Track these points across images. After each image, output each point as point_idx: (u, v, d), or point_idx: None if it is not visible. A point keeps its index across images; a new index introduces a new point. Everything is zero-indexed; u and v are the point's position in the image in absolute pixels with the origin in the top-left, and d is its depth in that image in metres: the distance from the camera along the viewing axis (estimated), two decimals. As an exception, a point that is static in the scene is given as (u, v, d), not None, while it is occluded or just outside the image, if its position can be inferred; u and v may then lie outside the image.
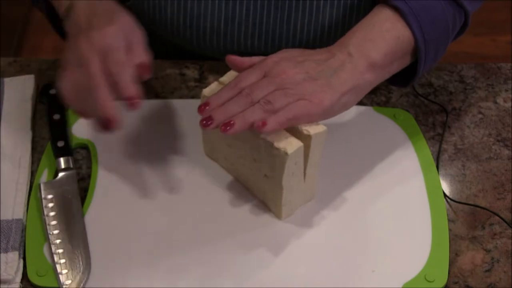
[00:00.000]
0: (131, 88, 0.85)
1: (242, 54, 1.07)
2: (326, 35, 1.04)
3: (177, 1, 1.02)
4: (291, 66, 0.87)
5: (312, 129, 0.85)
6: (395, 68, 0.92)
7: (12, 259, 0.85)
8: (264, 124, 0.82)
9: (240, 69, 0.90)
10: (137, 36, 0.90)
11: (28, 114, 1.01)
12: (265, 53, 1.06)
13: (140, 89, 0.85)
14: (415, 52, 0.92)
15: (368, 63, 0.88)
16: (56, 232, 0.88)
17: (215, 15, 1.02)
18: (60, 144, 0.96)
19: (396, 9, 0.91)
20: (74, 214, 0.90)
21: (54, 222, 0.89)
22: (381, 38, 0.90)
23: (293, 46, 1.05)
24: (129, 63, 0.86)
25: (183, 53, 1.10)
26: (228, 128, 0.82)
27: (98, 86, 0.84)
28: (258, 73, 0.87)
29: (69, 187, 0.92)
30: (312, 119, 0.86)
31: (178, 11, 1.02)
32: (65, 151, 0.96)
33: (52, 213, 0.89)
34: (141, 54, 0.88)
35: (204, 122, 0.84)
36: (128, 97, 0.84)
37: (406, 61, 0.93)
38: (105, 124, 0.84)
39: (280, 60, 0.88)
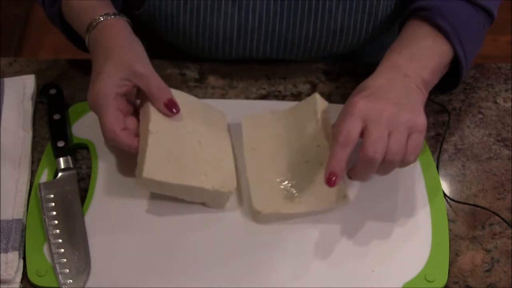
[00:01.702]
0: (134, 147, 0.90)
1: (254, 60, 1.07)
2: (337, 39, 1.04)
3: (189, 11, 1.01)
4: (379, 104, 0.87)
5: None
6: (437, 79, 0.95)
7: (12, 259, 0.85)
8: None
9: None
10: (147, 76, 0.92)
11: (28, 114, 1.01)
12: (277, 59, 1.07)
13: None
14: (452, 61, 0.96)
15: (422, 81, 0.92)
16: (56, 232, 0.88)
17: (227, 24, 1.02)
18: (60, 144, 0.96)
19: (436, 25, 0.94)
20: (74, 214, 0.90)
21: (54, 222, 0.89)
22: (428, 56, 0.93)
23: (305, 51, 1.06)
24: (112, 127, 0.90)
25: (183, 53, 1.10)
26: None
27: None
28: (358, 120, 0.86)
29: (69, 187, 0.92)
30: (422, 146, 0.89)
31: (190, 20, 1.02)
32: (65, 151, 0.96)
33: (52, 213, 0.89)
34: (159, 95, 0.92)
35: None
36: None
37: (445, 71, 0.96)
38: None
39: (365, 102, 0.87)
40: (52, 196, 0.91)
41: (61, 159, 0.95)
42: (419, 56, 0.93)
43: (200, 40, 1.04)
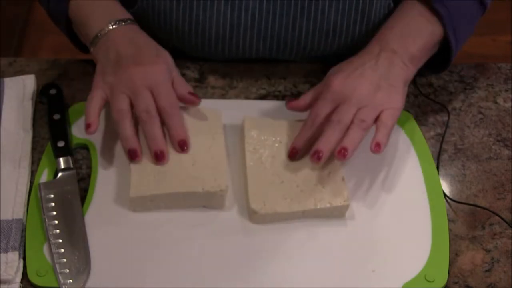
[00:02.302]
0: (182, 133, 0.92)
1: (253, 60, 1.07)
2: (330, 40, 1.04)
3: (182, 9, 1.02)
4: (355, 83, 0.92)
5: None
6: (426, 58, 0.98)
7: (12, 259, 0.85)
8: (379, 145, 0.89)
9: (300, 110, 0.96)
10: (176, 71, 0.96)
11: (28, 114, 1.01)
12: (270, 58, 1.06)
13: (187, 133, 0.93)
14: (442, 42, 0.98)
15: (409, 57, 0.95)
16: (56, 232, 0.88)
17: (220, 22, 1.02)
18: (60, 144, 0.96)
19: (431, 7, 0.96)
20: (74, 214, 0.90)
21: (54, 222, 0.89)
22: (418, 33, 0.97)
23: (298, 51, 1.06)
24: (175, 99, 0.93)
25: (183, 53, 1.09)
26: (343, 156, 0.88)
27: (151, 122, 0.91)
28: (329, 104, 0.92)
29: (69, 187, 0.92)
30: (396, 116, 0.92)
31: (183, 18, 1.02)
32: (65, 151, 0.96)
33: (52, 213, 0.89)
34: (185, 85, 0.95)
35: (315, 157, 0.89)
36: (179, 141, 0.92)
37: (434, 50, 0.99)
38: (132, 155, 0.91)
39: (340, 82, 0.92)
40: (52, 196, 0.91)
41: (61, 159, 0.95)
42: (410, 32, 0.96)
43: (193, 38, 1.04)
